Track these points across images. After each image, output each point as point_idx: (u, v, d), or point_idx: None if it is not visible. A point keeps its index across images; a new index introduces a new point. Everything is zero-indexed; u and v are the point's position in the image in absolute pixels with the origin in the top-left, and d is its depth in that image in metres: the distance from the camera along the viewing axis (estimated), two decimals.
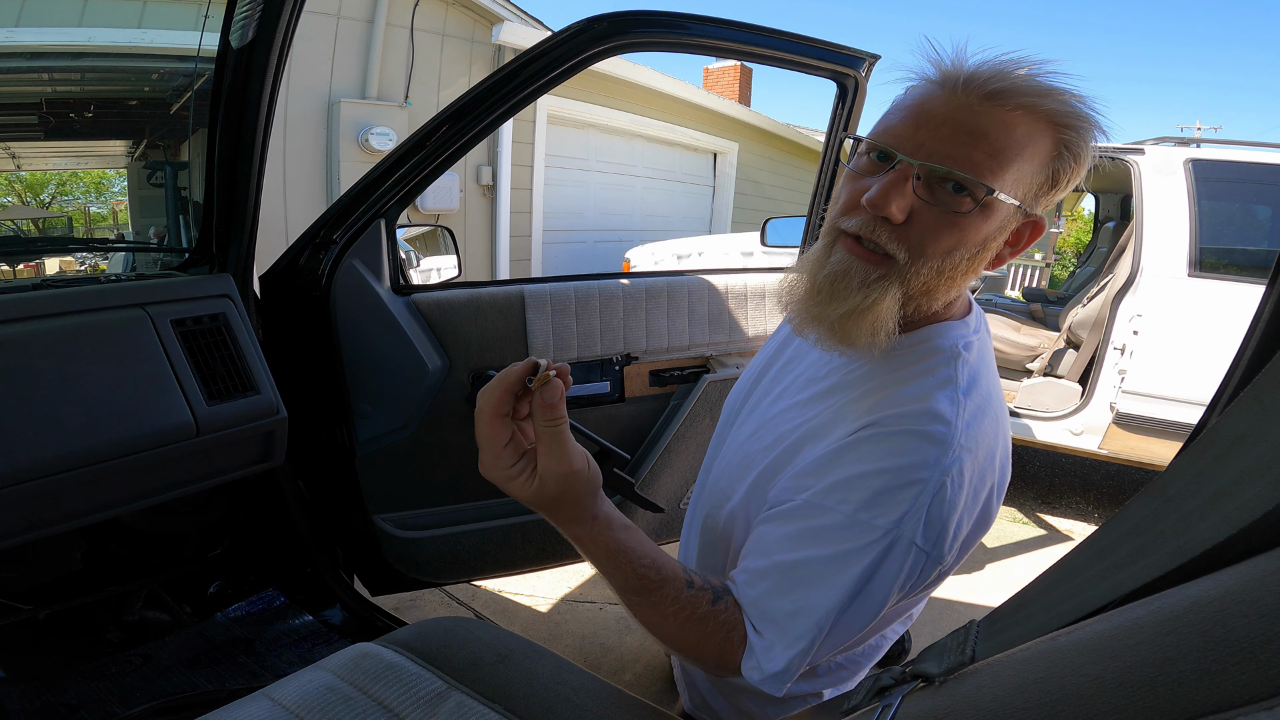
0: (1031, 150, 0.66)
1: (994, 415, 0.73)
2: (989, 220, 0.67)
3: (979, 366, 0.74)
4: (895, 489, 0.65)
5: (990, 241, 0.69)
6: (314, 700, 0.83)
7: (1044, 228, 0.71)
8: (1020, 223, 0.70)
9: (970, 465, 0.67)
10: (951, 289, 0.72)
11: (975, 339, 0.76)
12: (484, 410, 0.63)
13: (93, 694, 1.24)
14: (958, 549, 0.69)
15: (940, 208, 0.66)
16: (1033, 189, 0.68)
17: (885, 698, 0.47)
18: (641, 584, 0.69)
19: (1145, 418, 2.74)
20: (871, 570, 0.65)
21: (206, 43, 1.23)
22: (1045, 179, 0.68)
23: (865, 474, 0.66)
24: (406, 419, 1.49)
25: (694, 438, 1.72)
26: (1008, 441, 0.75)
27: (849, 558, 0.65)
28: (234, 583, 1.58)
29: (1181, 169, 2.85)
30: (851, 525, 0.66)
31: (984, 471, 0.69)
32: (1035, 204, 0.69)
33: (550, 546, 1.67)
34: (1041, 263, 9.11)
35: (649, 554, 0.70)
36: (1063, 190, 0.69)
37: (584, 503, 0.67)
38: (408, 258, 1.62)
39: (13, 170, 1.76)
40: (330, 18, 4.65)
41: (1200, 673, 0.29)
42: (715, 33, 1.40)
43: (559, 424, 0.64)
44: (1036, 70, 0.66)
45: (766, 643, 0.67)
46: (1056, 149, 0.67)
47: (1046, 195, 0.69)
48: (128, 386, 1.08)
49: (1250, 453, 0.26)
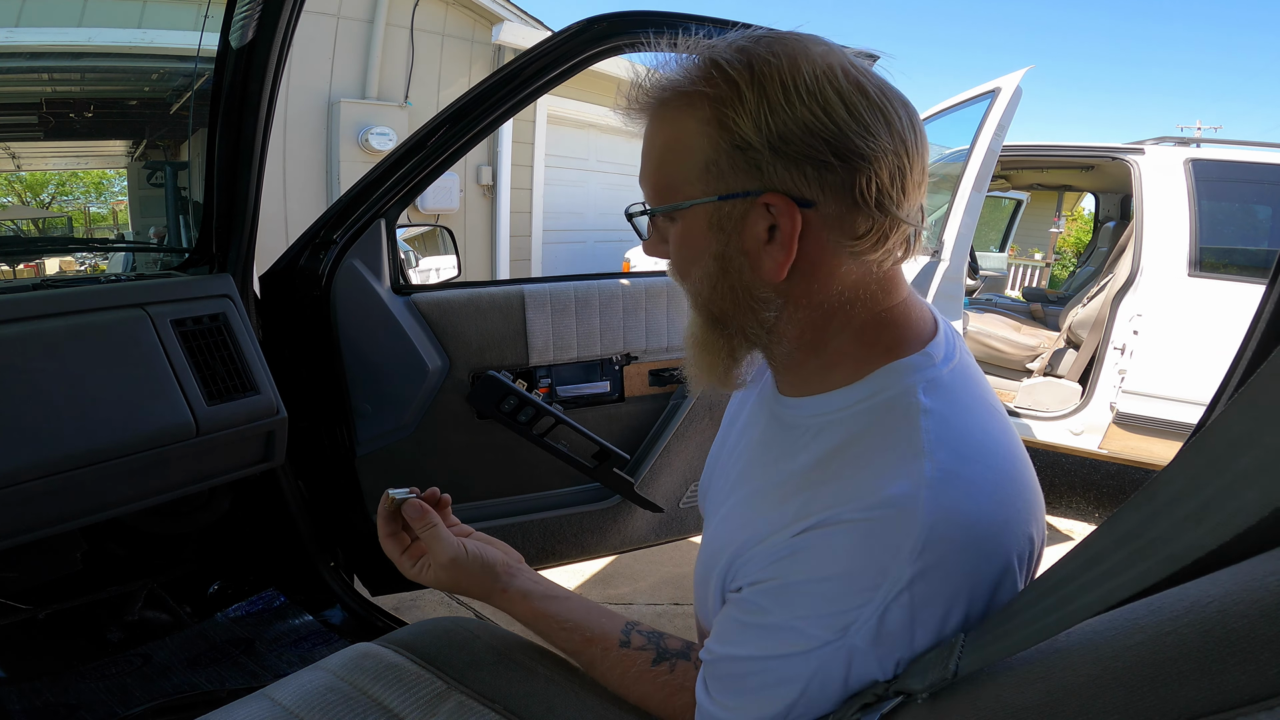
0: (681, 136, 0.55)
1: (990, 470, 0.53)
2: (685, 228, 0.58)
3: (949, 411, 0.54)
4: (836, 598, 0.51)
5: (724, 250, 0.56)
6: (314, 700, 0.83)
7: (783, 200, 0.52)
8: (747, 210, 0.54)
9: (948, 554, 0.49)
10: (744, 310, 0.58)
11: (944, 371, 0.57)
12: (380, 535, 0.82)
13: (93, 694, 1.24)
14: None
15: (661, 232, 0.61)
16: (715, 166, 0.54)
17: (868, 714, 0.46)
18: (569, 648, 0.76)
19: (1145, 417, 2.74)
20: (820, 676, 0.53)
21: (206, 43, 1.23)
22: (719, 145, 0.53)
23: (812, 580, 0.53)
24: (406, 419, 1.49)
25: (694, 437, 1.72)
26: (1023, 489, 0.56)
27: (794, 662, 0.53)
28: (234, 583, 1.58)
29: (1181, 169, 2.85)
30: (797, 634, 0.53)
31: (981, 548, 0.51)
32: (743, 179, 0.53)
33: (550, 546, 1.67)
34: (1041, 262, 9.11)
35: (574, 619, 0.75)
36: (778, 131, 0.51)
37: (482, 581, 0.80)
38: (407, 257, 1.62)
39: (13, 170, 1.76)
40: (330, 18, 4.65)
41: (1200, 672, 0.29)
42: (715, 33, 1.40)
43: (429, 528, 0.82)
44: (665, 60, 0.58)
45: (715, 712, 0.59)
46: (708, 109, 0.53)
47: (757, 158, 0.52)
48: (128, 386, 1.08)
49: (1246, 456, 0.26)
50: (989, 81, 2.61)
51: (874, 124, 0.51)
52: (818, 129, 0.51)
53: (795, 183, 0.52)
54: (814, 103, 0.50)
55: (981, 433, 0.55)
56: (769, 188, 0.53)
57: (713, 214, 0.55)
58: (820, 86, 0.51)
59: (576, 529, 1.68)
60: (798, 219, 0.53)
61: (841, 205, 0.53)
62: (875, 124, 0.51)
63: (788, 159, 0.51)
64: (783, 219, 0.53)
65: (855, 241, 0.54)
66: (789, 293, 0.57)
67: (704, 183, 0.55)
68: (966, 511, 0.50)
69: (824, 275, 0.55)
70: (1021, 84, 2.45)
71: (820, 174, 0.52)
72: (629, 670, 0.72)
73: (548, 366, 1.59)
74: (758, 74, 0.52)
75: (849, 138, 0.51)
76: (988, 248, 6.98)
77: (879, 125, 0.51)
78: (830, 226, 0.53)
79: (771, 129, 0.51)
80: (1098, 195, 4.99)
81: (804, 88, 0.51)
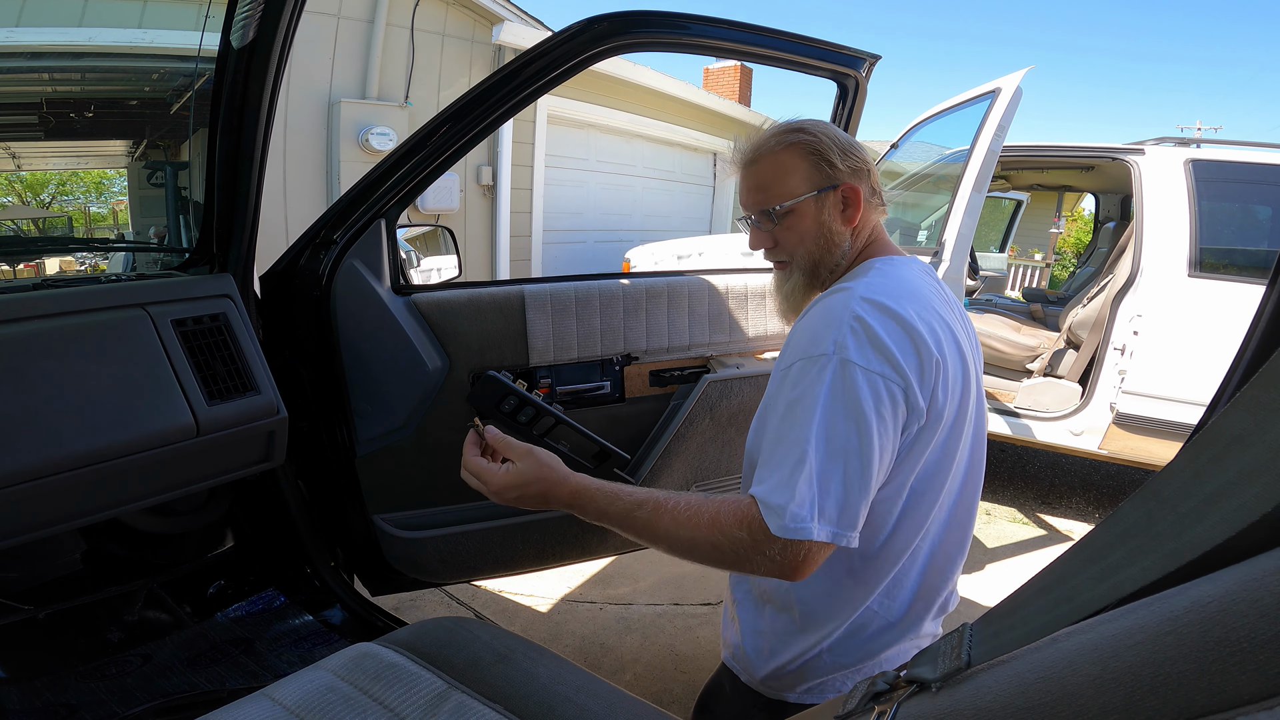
0: (786, 167, 0.98)
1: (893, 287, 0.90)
2: (802, 217, 0.98)
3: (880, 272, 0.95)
4: (821, 330, 0.85)
5: (824, 223, 0.99)
6: (314, 700, 0.83)
7: (857, 189, 0.97)
8: (831, 197, 0.98)
9: (877, 308, 0.85)
10: (830, 257, 1.01)
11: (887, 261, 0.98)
12: (465, 458, 0.98)
13: (93, 694, 1.24)
14: (912, 374, 0.83)
15: (779, 227, 1.00)
16: (814, 178, 0.97)
17: (881, 703, 0.47)
18: (641, 503, 0.85)
19: (1145, 418, 2.74)
20: (831, 392, 0.81)
21: (207, 43, 1.23)
22: (817, 164, 0.97)
23: (795, 344, 0.90)
24: (406, 419, 1.49)
25: (694, 438, 1.72)
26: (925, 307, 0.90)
27: (806, 393, 0.82)
28: (234, 583, 1.58)
29: (1182, 169, 2.85)
30: (798, 374, 0.85)
31: (899, 315, 0.85)
32: (831, 179, 0.97)
33: (550, 547, 1.67)
34: (1041, 263, 9.11)
35: (637, 488, 0.88)
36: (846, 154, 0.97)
37: (558, 469, 0.91)
38: (408, 258, 1.62)
39: (13, 170, 1.76)
40: (331, 18, 4.66)
41: (1200, 672, 0.29)
42: (715, 33, 1.40)
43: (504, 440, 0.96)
44: (771, 128, 1.01)
45: (767, 485, 0.80)
46: (804, 150, 0.97)
47: (834, 169, 0.97)
48: (128, 386, 1.08)
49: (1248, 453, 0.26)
50: (989, 82, 2.61)
51: (862, 151, 1.00)
52: (850, 152, 0.99)
53: (851, 178, 0.98)
54: (847, 145, 0.99)
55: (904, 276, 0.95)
56: (843, 181, 0.98)
57: (819, 200, 0.98)
58: (841, 136, 1.00)
59: (577, 529, 1.68)
60: (860, 193, 0.98)
61: (867, 188, 1.00)
62: (862, 151, 1.00)
63: (847, 168, 0.98)
64: (850, 195, 0.98)
65: (878, 205, 1.02)
66: (854, 235, 1.01)
67: (808, 185, 0.98)
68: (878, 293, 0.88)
69: (865, 222, 1.01)
70: (1022, 84, 2.45)
71: (857, 175, 0.99)
72: (693, 500, 0.83)
73: (548, 367, 1.59)
74: (824, 132, 0.99)
75: (861, 155, 1.00)
76: (988, 248, 6.99)
77: (865, 152, 1.01)
78: (866, 199, 0.99)
79: (837, 154, 0.97)
80: (1098, 196, 5.00)
81: (842, 138, 0.99)
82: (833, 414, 0.80)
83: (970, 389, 0.94)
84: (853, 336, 0.83)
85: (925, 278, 0.99)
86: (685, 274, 1.71)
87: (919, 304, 0.89)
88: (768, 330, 1.77)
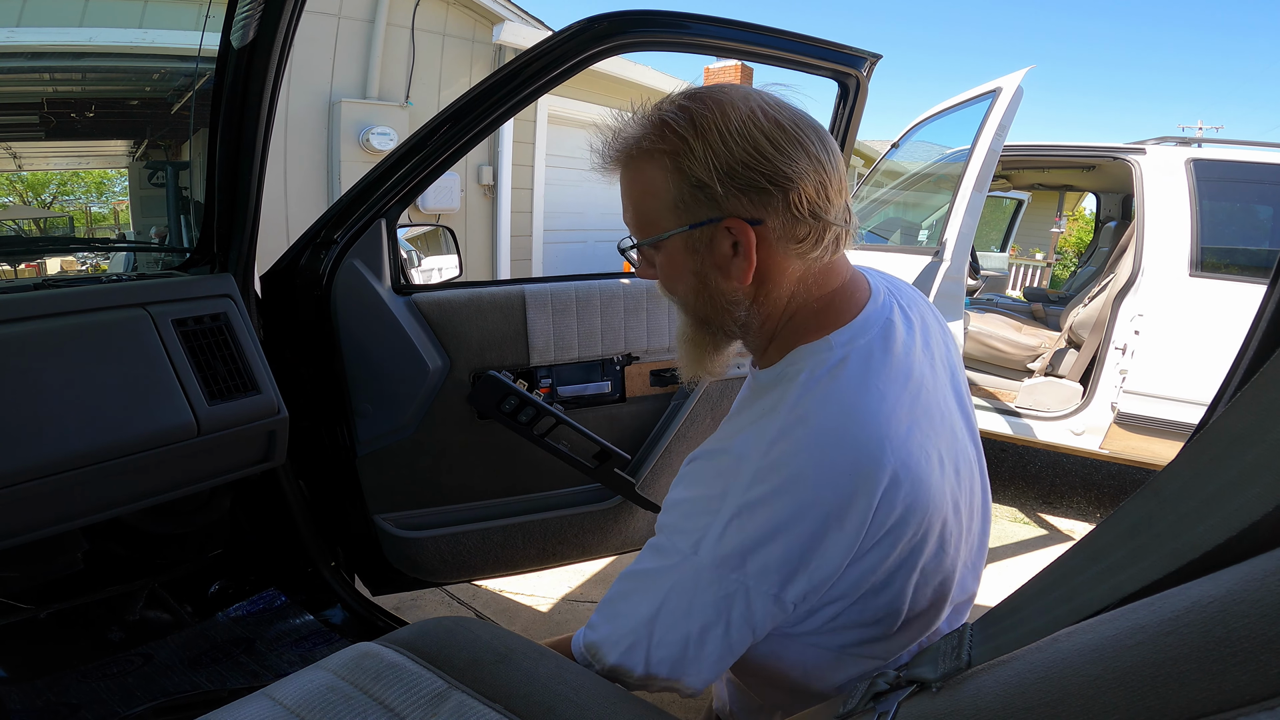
0: (646, 185, 0.69)
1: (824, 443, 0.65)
2: (671, 258, 0.72)
3: (820, 386, 0.67)
4: (693, 516, 0.68)
5: (700, 274, 0.71)
6: (315, 700, 0.83)
7: (745, 227, 0.67)
8: (705, 236, 0.69)
9: (775, 496, 0.63)
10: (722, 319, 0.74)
11: (837, 353, 0.69)
12: None
13: (94, 693, 1.24)
14: (778, 582, 0.65)
15: (656, 262, 0.75)
16: (679, 206, 0.68)
17: (881, 703, 0.47)
18: None
19: (1147, 417, 2.73)
20: (677, 591, 0.68)
21: (207, 43, 1.23)
22: (680, 186, 0.67)
23: (675, 502, 0.72)
24: (407, 419, 1.49)
25: (695, 438, 1.72)
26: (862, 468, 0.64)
27: (664, 575, 0.69)
28: (235, 582, 1.58)
29: (1183, 169, 2.85)
30: (663, 548, 0.71)
31: (802, 502, 0.63)
32: (702, 211, 0.67)
33: (551, 546, 1.67)
34: (1043, 262, 9.11)
35: None
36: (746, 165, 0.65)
37: None
38: (409, 257, 1.62)
39: (14, 170, 1.76)
40: (331, 18, 4.66)
41: (1201, 673, 0.29)
42: (716, 32, 1.40)
43: None
44: (645, 111, 0.71)
45: (599, 632, 0.76)
46: (666, 160, 0.67)
47: (708, 194, 0.66)
48: (129, 386, 1.08)
49: (1249, 453, 0.26)
50: (990, 81, 2.61)
51: (793, 151, 0.65)
52: (751, 163, 0.65)
53: (745, 207, 0.66)
54: (745, 143, 0.65)
55: (836, 402, 0.67)
56: (727, 214, 0.67)
57: (687, 240, 0.70)
58: (747, 129, 0.65)
59: (578, 529, 1.68)
60: (752, 235, 0.67)
61: (783, 219, 0.67)
62: (794, 151, 0.65)
63: (735, 189, 0.66)
64: (742, 237, 0.67)
65: (799, 244, 0.68)
66: (754, 294, 0.72)
67: (676, 217, 0.69)
68: (789, 461, 0.64)
69: (777, 275, 0.70)
70: (1022, 84, 2.45)
71: (762, 197, 0.66)
72: None
73: (549, 366, 1.59)
74: (699, 129, 0.65)
75: (776, 165, 0.65)
76: (989, 248, 6.98)
77: (797, 151, 0.65)
78: (778, 237, 0.68)
79: (718, 169, 0.65)
80: (1099, 195, 4.99)
81: (736, 135, 0.64)
82: (668, 611, 0.69)
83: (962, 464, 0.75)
84: (726, 537, 0.65)
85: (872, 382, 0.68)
86: None
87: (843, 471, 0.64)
88: None
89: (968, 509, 0.78)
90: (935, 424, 0.72)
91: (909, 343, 0.73)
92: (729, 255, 0.69)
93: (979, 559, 0.85)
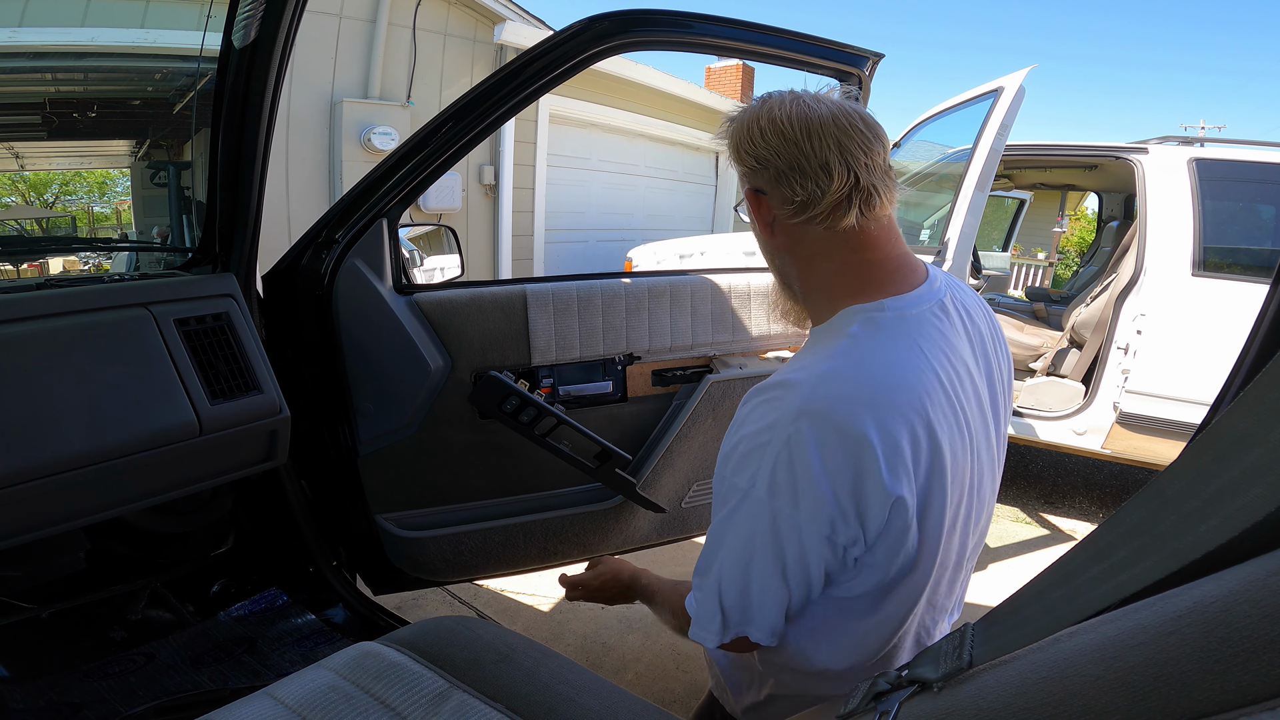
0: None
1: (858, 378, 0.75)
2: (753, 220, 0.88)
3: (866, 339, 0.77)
4: (747, 454, 0.76)
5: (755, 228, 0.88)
6: (316, 699, 0.83)
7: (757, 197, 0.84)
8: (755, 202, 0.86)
9: (817, 427, 0.72)
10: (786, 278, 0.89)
11: (887, 315, 0.79)
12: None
13: (96, 693, 1.24)
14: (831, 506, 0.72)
15: None
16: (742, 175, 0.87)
17: (883, 703, 0.47)
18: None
19: (1149, 417, 2.73)
20: (746, 527, 0.76)
21: (209, 43, 1.23)
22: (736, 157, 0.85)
23: (731, 445, 0.79)
24: (408, 418, 1.49)
25: (697, 438, 1.72)
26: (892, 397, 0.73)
27: (729, 519, 0.78)
28: (237, 582, 1.59)
29: (1185, 168, 2.84)
30: (724, 495, 0.79)
31: (843, 433, 0.71)
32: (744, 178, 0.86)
33: (552, 546, 1.67)
34: (1045, 262, 9.09)
35: None
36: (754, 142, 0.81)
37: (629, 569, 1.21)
38: (412, 256, 1.62)
39: (16, 170, 1.77)
40: (332, 17, 4.66)
41: (1203, 673, 0.29)
42: (718, 31, 1.40)
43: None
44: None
45: (691, 600, 0.83)
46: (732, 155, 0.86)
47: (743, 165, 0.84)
48: (131, 386, 1.08)
49: (1251, 453, 0.26)
50: (992, 81, 2.61)
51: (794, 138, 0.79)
52: (771, 155, 0.80)
53: (755, 177, 0.84)
54: (766, 140, 0.80)
55: (880, 356, 0.76)
56: (757, 188, 0.84)
57: (750, 203, 0.86)
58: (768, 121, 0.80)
59: (579, 529, 1.68)
60: (759, 202, 0.84)
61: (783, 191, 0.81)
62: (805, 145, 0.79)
63: (765, 173, 0.82)
64: (750, 200, 0.85)
65: (811, 214, 0.80)
66: (800, 261, 0.85)
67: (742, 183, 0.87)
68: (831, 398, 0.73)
69: (803, 240, 0.83)
70: (1024, 83, 2.45)
71: (764, 172, 0.82)
72: None
73: (550, 366, 1.59)
74: (742, 123, 0.83)
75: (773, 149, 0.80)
76: (991, 247, 6.97)
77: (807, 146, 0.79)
78: (798, 211, 0.81)
79: (745, 142, 0.82)
80: (1101, 195, 4.98)
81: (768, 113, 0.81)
82: (748, 549, 0.76)
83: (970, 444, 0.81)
84: (772, 475, 0.72)
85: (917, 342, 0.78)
86: (688, 273, 1.71)
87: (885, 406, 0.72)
88: (771, 330, 1.77)
89: (965, 504, 0.84)
90: (954, 406, 0.78)
91: (953, 329, 0.83)
92: (766, 221, 0.85)
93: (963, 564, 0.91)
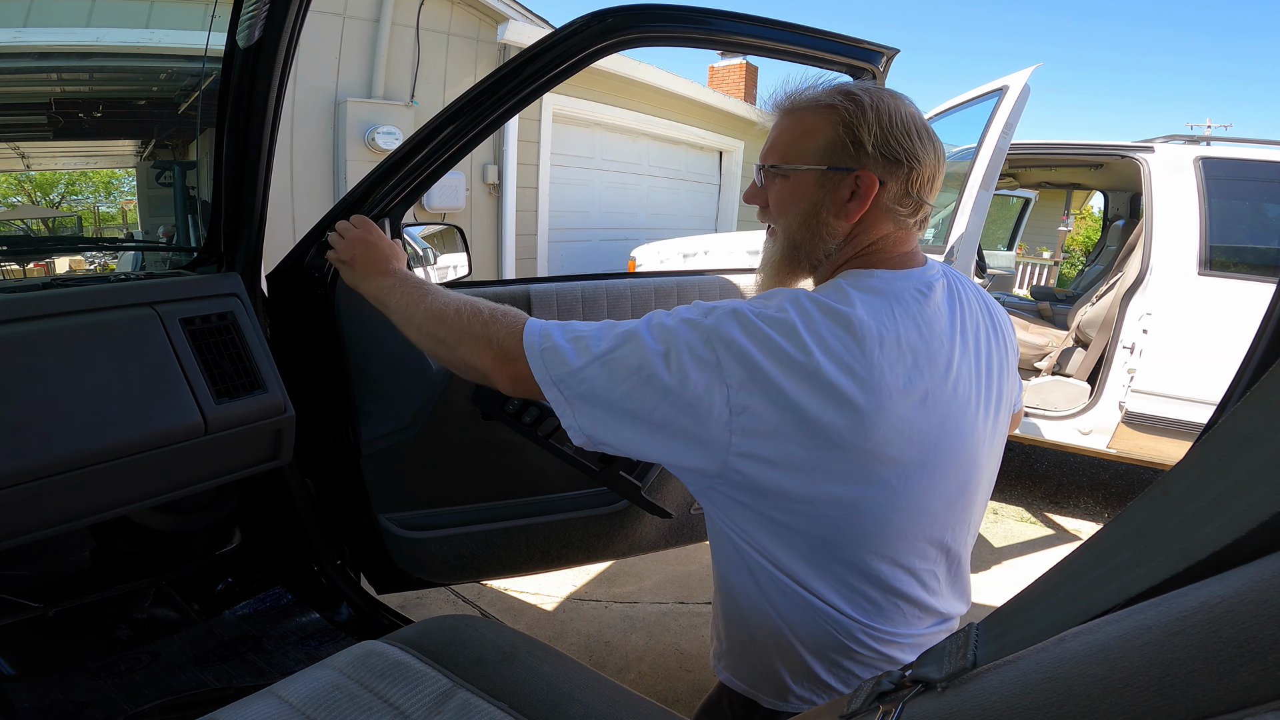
0: (809, 129, 0.88)
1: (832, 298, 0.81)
2: (798, 187, 0.89)
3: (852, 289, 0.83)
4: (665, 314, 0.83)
5: (818, 206, 0.88)
6: (320, 698, 0.83)
7: (874, 181, 0.85)
8: (839, 181, 0.87)
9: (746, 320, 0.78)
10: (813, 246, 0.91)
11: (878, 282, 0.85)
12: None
13: (101, 691, 1.25)
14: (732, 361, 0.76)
15: (773, 187, 0.92)
16: (830, 152, 0.86)
17: (886, 702, 0.46)
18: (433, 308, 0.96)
19: (1155, 417, 2.72)
20: (627, 328, 0.82)
21: (214, 42, 1.23)
22: (842, 139, 0.85)
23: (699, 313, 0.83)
24: (411, 419, 1.49)
25: None
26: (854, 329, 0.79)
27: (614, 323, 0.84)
28: (242, 580, 1.59)
29: (1191, 167, 2.83)
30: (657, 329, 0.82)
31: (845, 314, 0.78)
32: (849, 161, 0.86)
33: (555, 550, 1.67)
34: (1050, 261, 9.07)
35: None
36: (889, 137, 0.84)
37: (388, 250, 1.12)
38: (426, 255, 1.62)
39: (22, 170, 1.77)
40: (336, 17, 4.67)
41: (1208, 673, 0.29)
42: (729, 26, 1.37)
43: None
44: (821, 83, 0.91)
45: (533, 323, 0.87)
46: (837, 117, 0.86)
47: (859, 151, 0.85)
48: (136, 385, 1.08)
49: (1257, 453, 0.26)
50: (996, 79, 2.60)
51: (924, 145, 0.86)
52: (901, 141, 0.85)
53: (879, 168, 0.85)
54: (898, 129, 0.85)
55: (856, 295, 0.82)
56: (863, 167, 0.85)
57: (820, 177, 0.87)
58: (908, 119, 0.86)
59: (582, 533, 1.68)
60: (875, 188, 0.85)
61: (901, 187, 0.86)
62: (924, 145, 0.86)
63: (880, 154, 0.85)
64: (864, 186, 0.85)
65: (899, 209, 0.87)
66: (851, 233, 0.89)
67: (820, 157, 0.87)
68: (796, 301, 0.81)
69: (872, 227, 0.88)
70: (1030, 82, 2.44)
71: (893, 167, 0.85)
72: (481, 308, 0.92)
73: None
74: (873, 105, 0.85)
75: (907, 149, 0.85)
76: (996, 246, 6.95)
77: (926, 146, 0.86)
78: (889, 197, 0.86)
79: (874, 134, 0.84)
80: (1107, 193, 4.97)
81: (896, 119, 0.85)
82: (616, 336, 0.82)
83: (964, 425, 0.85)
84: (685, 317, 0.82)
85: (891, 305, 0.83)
86: (695, 274, 1.70)
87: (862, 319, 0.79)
88: None
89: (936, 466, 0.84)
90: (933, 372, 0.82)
91: (940, 311, 0.86)
92: (845, 199, 0.87)
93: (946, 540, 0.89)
